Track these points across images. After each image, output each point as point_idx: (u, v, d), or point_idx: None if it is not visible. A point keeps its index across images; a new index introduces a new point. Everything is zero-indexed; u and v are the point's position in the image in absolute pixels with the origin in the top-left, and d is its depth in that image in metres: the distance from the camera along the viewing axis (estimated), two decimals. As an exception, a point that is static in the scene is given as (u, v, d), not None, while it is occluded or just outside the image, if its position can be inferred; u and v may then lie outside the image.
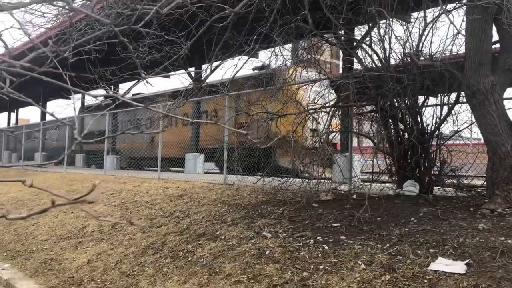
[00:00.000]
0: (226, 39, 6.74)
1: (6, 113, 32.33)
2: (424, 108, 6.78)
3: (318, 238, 4.85)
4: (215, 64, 8.81)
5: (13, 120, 32.83)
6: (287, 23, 7.02)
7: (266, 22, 6.76)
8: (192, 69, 13.92)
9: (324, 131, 6.88)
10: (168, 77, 18.08)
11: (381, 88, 6.37)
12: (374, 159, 7.00)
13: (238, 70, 7.39)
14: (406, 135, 6.67)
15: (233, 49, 7.31)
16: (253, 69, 7.72)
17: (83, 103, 23.56)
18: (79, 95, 18.31)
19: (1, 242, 7.06)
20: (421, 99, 6.78)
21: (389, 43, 6.63)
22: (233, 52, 7.37)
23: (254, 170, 9.57)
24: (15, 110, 32.53)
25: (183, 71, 11.53)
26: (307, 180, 6.76)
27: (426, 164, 6.61)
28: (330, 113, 6.72)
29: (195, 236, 5.66)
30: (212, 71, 12.89)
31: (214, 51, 6.85)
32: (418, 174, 6.63)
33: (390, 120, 6.80)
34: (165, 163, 14.46)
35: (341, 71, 11.21)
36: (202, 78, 12.09)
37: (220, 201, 7.41)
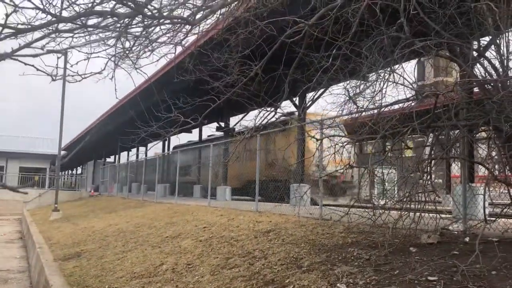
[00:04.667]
0: (301, 55, 6.01)
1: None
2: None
3: (404, 296, 3.76)
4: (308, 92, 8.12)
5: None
6: (377, 35, 6.07)
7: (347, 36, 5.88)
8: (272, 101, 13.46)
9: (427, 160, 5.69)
10: (278, 105, 17.76)
11: (497, 102, 5.04)
12: (493, 191, 5.58)
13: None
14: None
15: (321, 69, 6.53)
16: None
17: (200, 135, 24.80)
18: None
19: (85, 276, 7.02)
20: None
21: (507, 46, 5.30)
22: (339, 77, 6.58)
23: None
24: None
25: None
26: (403, 216, 5.57)
27: None
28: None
29: (262, 283, 4.88)
30: (314, 101, 12.18)
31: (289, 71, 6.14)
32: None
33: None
34: (265, 193, 14.03)
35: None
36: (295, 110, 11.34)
37: (306, 240, 6.52)
